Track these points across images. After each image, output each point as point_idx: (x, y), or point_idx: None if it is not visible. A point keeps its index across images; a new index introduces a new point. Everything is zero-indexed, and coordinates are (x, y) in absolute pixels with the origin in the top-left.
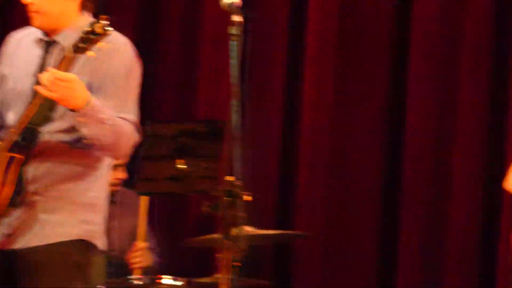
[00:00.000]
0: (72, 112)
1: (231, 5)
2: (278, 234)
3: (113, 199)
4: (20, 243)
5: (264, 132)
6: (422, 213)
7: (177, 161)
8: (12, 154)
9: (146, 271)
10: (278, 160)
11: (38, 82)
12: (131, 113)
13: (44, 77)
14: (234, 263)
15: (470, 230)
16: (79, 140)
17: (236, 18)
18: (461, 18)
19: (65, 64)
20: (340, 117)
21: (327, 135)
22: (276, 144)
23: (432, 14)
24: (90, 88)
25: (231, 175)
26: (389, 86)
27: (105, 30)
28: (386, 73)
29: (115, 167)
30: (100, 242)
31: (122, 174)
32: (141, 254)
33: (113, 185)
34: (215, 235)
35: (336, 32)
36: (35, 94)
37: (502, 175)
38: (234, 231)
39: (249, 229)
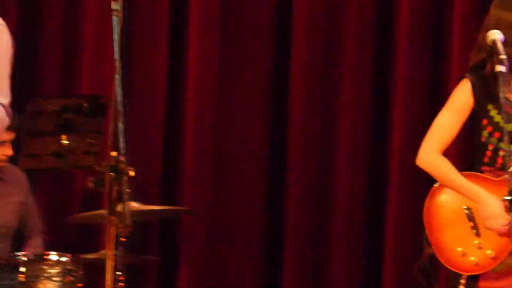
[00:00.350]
0: None
1: None
2: (163, 209)
3: (0, 176)
4: None
5: (148, 108)
6: (308, 191)
7: (61, 136)
8: None
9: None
10: (163, 136)
11: None
12: (3, 96)
13: None
14: (119, 239)
15: (355, 209)
16: None
17: None
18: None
19: None
20: (224, 95)
21: (211, 110)
22: (160, 120)
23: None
24: None
25: (115, 150)
26: (273, 67)
27: None
28: (270, 56)
29: (2, 143)
30: None
31: (8, 151)
32: None
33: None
34: (100, 211)
35: (218, 10)
36: None
37: (387, 158)
38: (119, 207)
39: (134, 205)
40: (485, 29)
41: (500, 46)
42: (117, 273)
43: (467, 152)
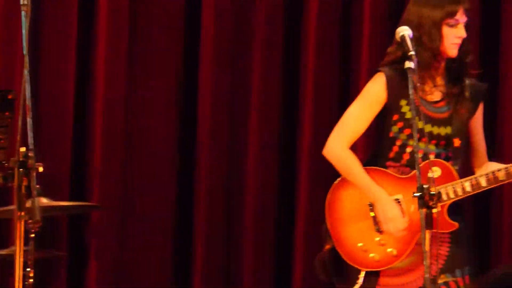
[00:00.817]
0: None
1: None
2: (72, 205)
3: None
4: None
5: (57, 104)
6: (215, 187)
7: None
8: None
9: None
10: (72, 131)
11: None
12: None
13: None
14: (29, 235)
15: (265, 206)
16: None
17: None
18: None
19: None
20: (134, 90)
21: (121, 106)
22: (70, 116)
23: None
24: None
25: (23, 146)
26: (181, 68)
27: None
28: (179, 57)
29: None
30: None
31: None
32: None
33: None
34: (10, 207)
35: (127, 3)
36: None
37: (297, 157)
38: (28, 202)
39: (43, 200)
40: (405, 25)
41: (409, 42)
42: (27, 269)
43: (372, 146)
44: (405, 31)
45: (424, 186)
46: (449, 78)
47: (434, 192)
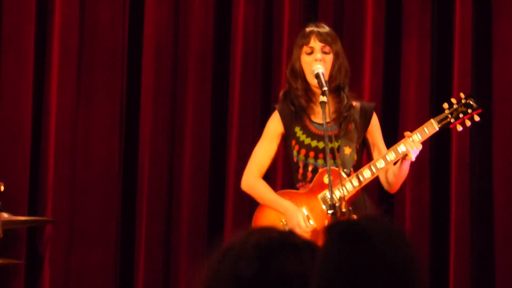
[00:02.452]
0: None
1: None
2: (30, 220)
3: None
4: None
5: (15, 129)
6: (157, 200)
7: None
8: None
9: None
10: (30, 153)
11: None
12: None
13: None
14: None
15: (198, 218)
16: None
17: None
18: (187, 28)
19: None
20: (82, 116)
21: (71, 130)
22: (27, 139)
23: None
24: None
25: None
26: (125, 92)
27: None
28: (120, 80)
29: None
30: None
31: None
32: None
33: None
34: None
35: (76, 43)
36: None
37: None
38: None
39: (4, 215)
40: (290, 63)
41: (322, 79)
42: None
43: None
44: (319, 69)
45: (336, 204)
46: (338, 101)
47: (344, 210)
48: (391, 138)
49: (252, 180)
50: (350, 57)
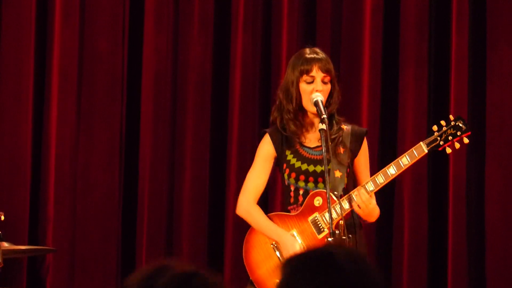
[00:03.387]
0: None
1: None
2: (30, 249)
3: None
4: None
5: (15, 160)
6: (157, 228)
7: None
8: None
9: None
10: (30, 184)
11: None
12: None
13: None
14: None
15: (198, 248)
16: None
17: None
18: (186, 57)
19: None
20: (82, 145)
21: (71, 160)
22: (27, 171)
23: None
24: None
25: None
26: (124, 121)
27: None
28: (119, 109)
29: None
30: None
31: None
32: None
33: None
34: None
35: (76, 71)
36: None
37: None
38: None
39: (5, 244)
40: (285, 84)
41: (322, 108)
42: None
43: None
44: (318, 97)
45: (336, 231)
46: (329, 127)
47: (345, 237)
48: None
49: (247, 206)
50: (348, 84)
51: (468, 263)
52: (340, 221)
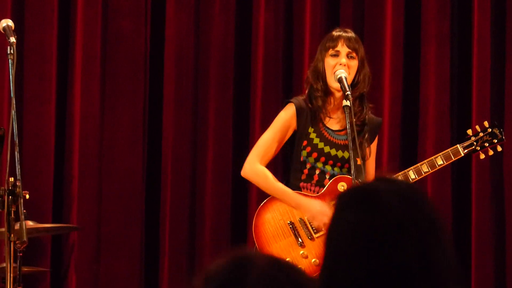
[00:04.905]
0: None
1: (6, 27)
2: (54, 227)
3: None
4: None
5: (39, 139)
6: (181, 207)
7: None
8: None
9: None
10: (53, 162)
11: None
12: None
13: None
14: (17, 253)
15: (221, 225)
16: None
17: (11, 39)
18: (208, 35)
19: None
20: (106, 125)
21: (95, 139)
22: (51, 149)
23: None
24: None
25: (12, 176)
26: (147, 100)
27: None
28: (142, 88)
29: None
30: None
31: None
32: None
33: None
34: (0, 229)
35: (99, 52)
36: None
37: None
38: (16, 225)
39: (30, 223)
40: (313, 64)
41: (345, 84)
42: (16, 283)
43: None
44: (342, 73)
45: None
46: (359, 110)
47: None
48: (411, 141)
49: (255, 166)
50: (370, 63)
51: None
52: None
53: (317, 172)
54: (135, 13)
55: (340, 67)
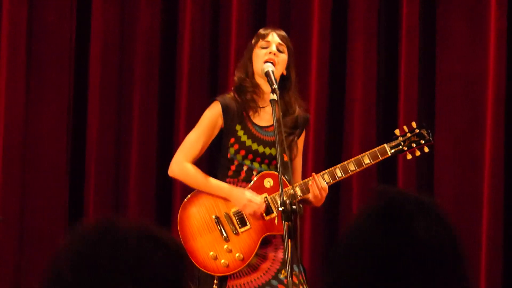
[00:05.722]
0: None
1: None
2: None
3: None
4: None
5: None
6: (104, 198)
7: None
8: None
9: None
10: None
11: None
12: None
13: None
14: None
15: (145, 217)
16: None
17: None
18: (133, 29)
19: None
20: (30, 116)
21: (20, 128)
22: None
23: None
24: None
25: None
26: (72, 93)
27: None
28: (67, 80)
29: None
30: None
31: None
32: None
33: None
34: None
35: (24, 44)
36: None
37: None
38: None
39: None
40: (241, 62)
41: (272, 78)
42: None
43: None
44: (269, 67)
45: (287, 201)
46: (281, 108)
47: (295, 208)
48: (337, 136)
49: (182, 165)
50: (296, 57)
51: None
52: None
53: (245, 168)
54: (60, 5)
55: (270, 55)
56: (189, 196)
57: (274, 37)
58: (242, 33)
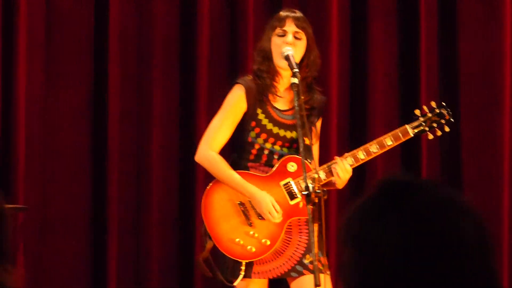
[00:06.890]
0: None
1: None
2: None
3: None
4: None
5: None
6: (128, 187)
7: None
8: None
9: None
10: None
11: None
12: None
13: None
14: None
15: (168, 204)
16: None
17: None
18: (153, 22)
19: None
20: (51, 105)
21: (40, 118)
22: None
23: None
24: None
25: None
26: (92, 81)
27: None
28: (87, 68)
29: None
30: None
31: None
32: None
33: None
34: None
35: (43, 33)
36: None
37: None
38: None
39: None
40: (259, 45)
41: (293, 61)
42: None
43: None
44: (288, 51)
45: (310, 185)
46: (307, 94)
47: (319, 190)
48: (360, 118)
49: (209, 153)
50: (316, 40)
51: None
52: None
53: (266, 152)
54: None
55: (287, 45)
56: (211, 183)
57: (291, 26)
58: (259, 15)
